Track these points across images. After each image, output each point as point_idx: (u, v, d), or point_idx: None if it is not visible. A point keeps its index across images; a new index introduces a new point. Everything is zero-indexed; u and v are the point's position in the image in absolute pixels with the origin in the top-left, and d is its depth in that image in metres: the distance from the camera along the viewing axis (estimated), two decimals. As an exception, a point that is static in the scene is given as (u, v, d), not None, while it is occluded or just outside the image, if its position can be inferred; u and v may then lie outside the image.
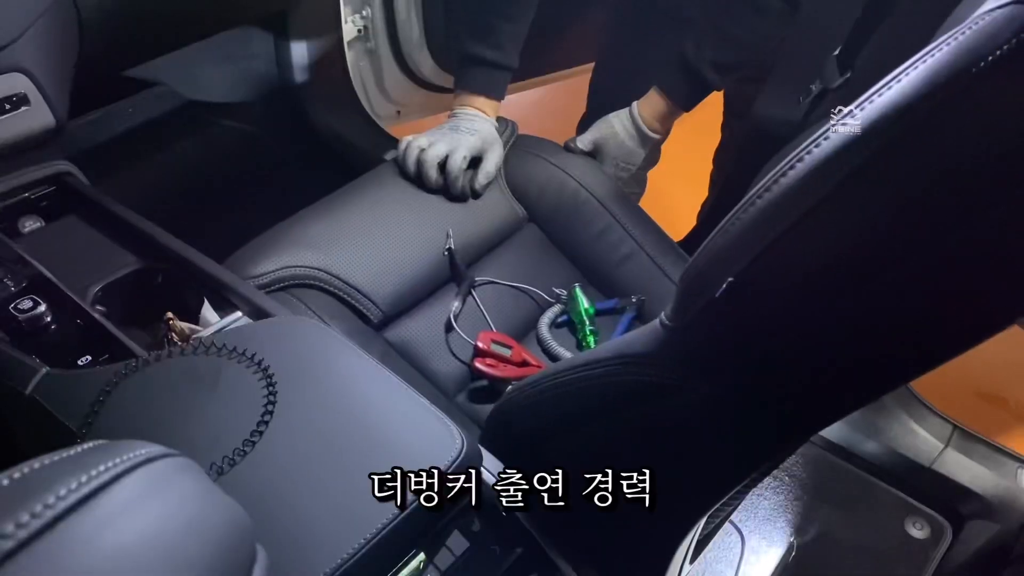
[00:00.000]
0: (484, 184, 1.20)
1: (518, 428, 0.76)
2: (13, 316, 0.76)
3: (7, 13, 0.85)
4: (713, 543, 1.33)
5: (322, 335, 0.75)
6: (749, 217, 0.48)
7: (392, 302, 1.06)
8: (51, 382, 0.69)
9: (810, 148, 0.45)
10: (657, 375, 0.58)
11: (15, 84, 0.87)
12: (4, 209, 0.93)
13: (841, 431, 1.47)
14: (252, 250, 1.03)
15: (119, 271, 0.87)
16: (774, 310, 0.49)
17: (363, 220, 1.11)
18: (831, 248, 0.46)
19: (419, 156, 1.17)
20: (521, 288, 1.15)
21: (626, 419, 0.63)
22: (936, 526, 1.35)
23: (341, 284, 1.04)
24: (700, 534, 0.81)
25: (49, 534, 0.27)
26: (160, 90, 1.56)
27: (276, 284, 1.00)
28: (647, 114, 1.28)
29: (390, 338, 1.05)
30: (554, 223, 1.23)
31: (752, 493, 1.39)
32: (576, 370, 0.66)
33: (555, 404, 0.70)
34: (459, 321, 1.06)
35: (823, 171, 0.44)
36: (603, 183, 1.24)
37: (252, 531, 0.38)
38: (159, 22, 1.17)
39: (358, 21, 1.54)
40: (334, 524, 0.59)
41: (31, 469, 0.30)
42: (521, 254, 1.20)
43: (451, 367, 1.05)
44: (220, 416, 0.65)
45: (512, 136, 1.30)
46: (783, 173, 0.46)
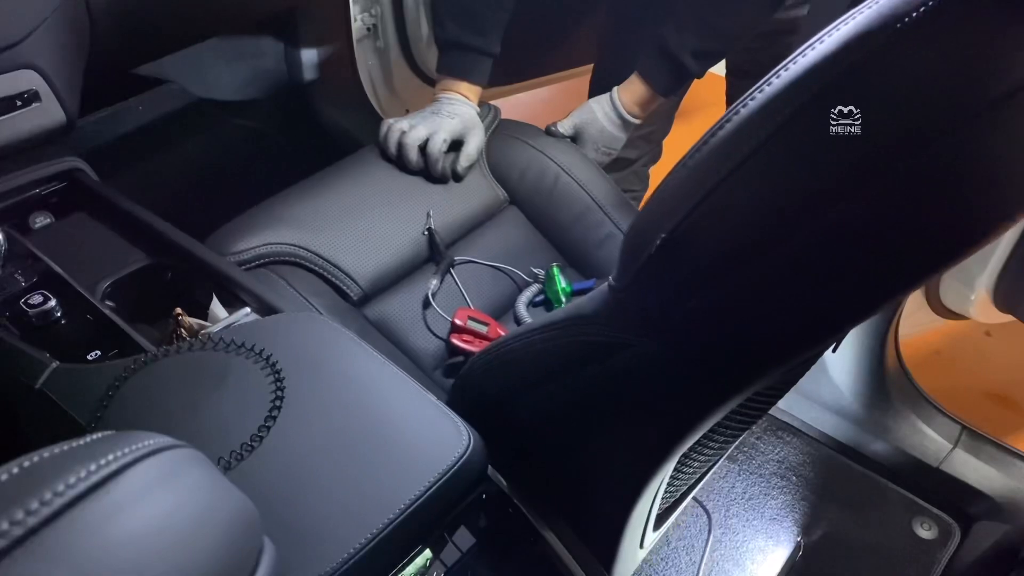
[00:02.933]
0: (465, 167, 1.22)
1: (481, 392, 0.78)
2: (24, 311, 0.76)
3: (19, 10, 0.85)
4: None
5: (330, 331, 0.75)
6: (681, 177, 0.51)
7: (372, 280, 1.08)
8: (61, 376, 0.70)
9: (738, 109, 0.46)
10: (605, 335, 0.60)
11: (26, 81, 0.88)
12: (15, 205, 0.93)
13: (849, 431, 1.46)
14: (233, 228, 1.05)
15: (129, 267, 0.87)
16: (704, 266, 0.51)
17: (344, 200, 1.13)
18: (756, 204, 0.47)
19: (400, 139, 1.19)
20: (500, 268, 1.17)
21: (580, 378, 0.65)
22: (944, 527, 1.35)
23: (321, 261, 1.05)
24: (661, 505, 0.83)
25: (58, 522, 0.28)
26: (170, 88, 1.57)
27: (256, 260, 1.02)
28: (627, 99, 1.30)
29: (369, 315, 1.07)
30: (535, 205, 1.26)
31: (758, 493, 1.38)
32: (532, 333, 0.68)
33: (514, 367, 0.72)
34: (438, 299, 1.08)
35: (747, 131, 0.46)
36: (583, 167, 1.26)
37: (259, 522, 0.38)
38: (169, 20, 1.18)
39: (367, 19, 1.54)
40: (340, 519, 0.59)
41: (41, 458, 0.30)
42: (501, 235, 1.22)
43: (429, 343, 1.06)
44: (228, 411, 0.66)
45: (495, 121, 1.33)
46: (712, 134, 0.48)
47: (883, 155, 0.42)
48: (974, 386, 1.60)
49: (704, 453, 0.80)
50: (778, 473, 1.43)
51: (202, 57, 1.56)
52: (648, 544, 0.88)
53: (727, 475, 1.43)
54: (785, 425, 1.52)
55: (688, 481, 0.88)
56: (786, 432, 1.51)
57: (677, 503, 0.91)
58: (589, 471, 0.73)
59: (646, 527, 0.82)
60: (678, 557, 1.29)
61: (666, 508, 0.89)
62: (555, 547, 0.71)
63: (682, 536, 1.32)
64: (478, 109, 1.28)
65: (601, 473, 0.73)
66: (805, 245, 0.46)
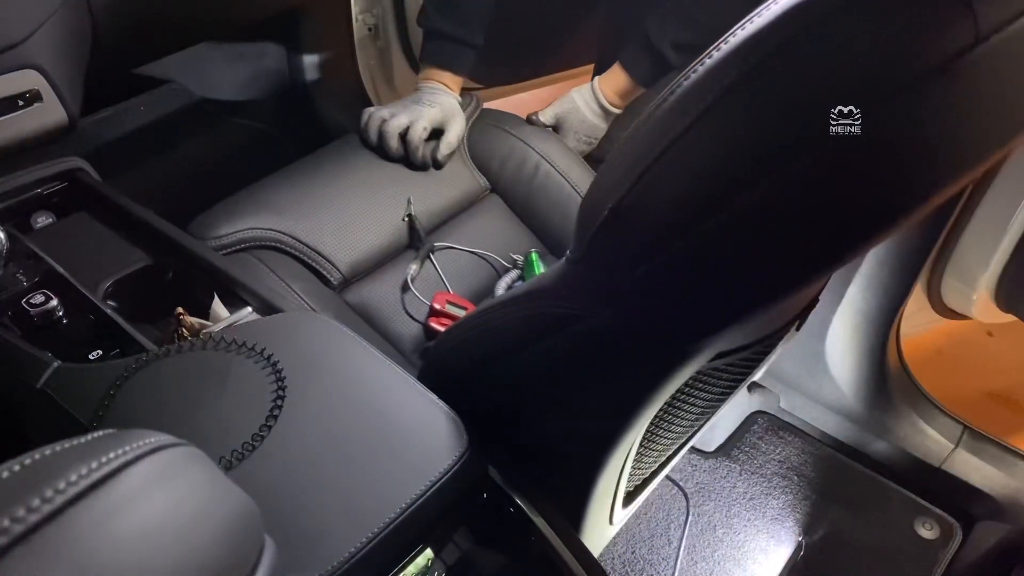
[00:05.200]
0: (446, 154, 1.23)
1: (448, 367, 0.79)
2: (25, 310, 0.77)
3: (20, 10, 0.85)
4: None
5: (331, 330, 0.75)
6: (626, 149, 0.52)
7: (352, 265, 1.09)
8: (62, 376, 0.70)
9: (680, 82, 0.48)
10: (562, 307, 0.62)
11: (28, 81, 0.88)
12: (17, 205, 0.93)
13: (851, 431, 1.47)
14: (214, 213, 1.06)
15: (130, 266, 0.87)
16: (648, 235, 0.52)
17: (325, 187, 1.14)
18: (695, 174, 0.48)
19: (381, 126, 1.21)
20: (479, 254, 1.18)
21: (541, 350, 0.66)
22: (946, 526, 1.35)
23: (301, 246, 1.06)
24: (631, 482, 0.84)
25: (59, 519, 0.28)
26: (172, 88, 1.57)
27: (237, 245, 1.03)
28: (608, 89, 1.31)
29: (349, 299, 1.08)
30: (515, 193, 1.27)
31: (760, 493, 1.38)
32: (495, 309, 0.69)
33: (478, 342, 0.73)
34: (417, 284, 1.09)
35: (687, 102, 0.47)
36: (564, 155, 1.27)
37: (260, 520, 0.38)
38: (171, 20, 1.18)
39: (369, 19, 1.54)
40: (342, 518, 0.59)
41: (42, 456, 0.30)
42: (482, 222, 1.23)
43: (408, 327, 1.07)
44: (229, 411, 0.66)
45: (476, 110, 1.34)
46: (657, 106, 0.49)
47: (816, 126, 0.43)
48: (976, 386, 1.60)
49: (671, 429, 0.81)
50: (779, 473, 1.43)
51: (204, 57, 1.56)
52: (618, 521, 0.89)
53: (728, 475, 1.43)
54: (787, 425, 1.52)
55: (658, 460, 0.90)
56: (788, 432, 1.51)
57: (647, 482, 0.93)
58: (553, 441, 0.75)
59: (614, 503, 0.83)
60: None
61: (636, 486, 0.91)
62: (556, 547, 0.71)
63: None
64: (460, 99, 1.30)
65: (564, 443, 0.75)
66: (742, 213, 0.47)
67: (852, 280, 1.25)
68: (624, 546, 1.31)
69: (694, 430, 0.90)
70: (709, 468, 1.44)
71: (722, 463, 1.45)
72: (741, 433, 1.51)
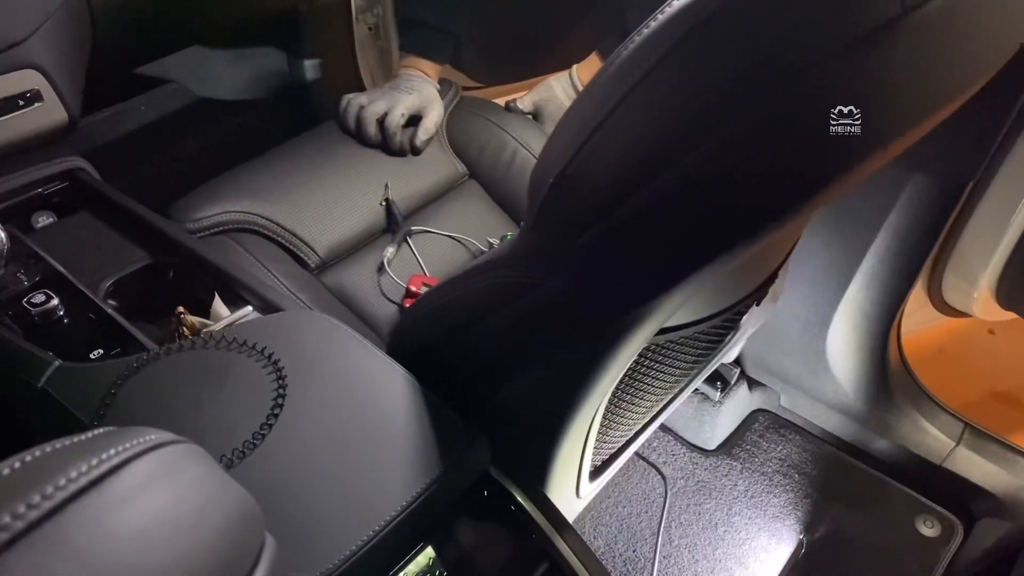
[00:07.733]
0: (424, 140, 1.24)
1: (416, 339, 0.80)
2: (26, 310, 0.77)
3: (21, 10, 0.85)
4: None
5: (331, 329, 0.75)
6: (570, 118, 0.54)
7: (329, 248, 1.10)
8: (63, 375, 0.70)
9: (620, 52, 0.49)
10: (518, 275, 0.63)
11: (29, 81, 0.88)
12: (17, 204, 0.94)
13: (852, 429, 1.46)
14: (194, 197, 1.08)
15: (131, 266, 0.88)
16: (590, 202, 0.53)
17: (303, 171, 1.15)
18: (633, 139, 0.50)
19: (358, 113, 1.22)
20: (456, 238, 1.18)
21: (500, 319, 0.68)
22: (947, 524, 1.35)
23: (279, 230, 1.08)
24: (598, 456, 0.87)
25: (60, 515, 0.28)
26: (172, 87, 1.57)
27: (216, 228, 1.04)
28: (587, 77, 1.33)
29: (327, 282, 1.09)
30: (493, 179, 1.28)
31: (761, 491, 1.38)
32: (458, 280, 0.71)
33: (441, 314, 0.75)
34: (393, 267, 1.10)
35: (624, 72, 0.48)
36: (542, 142, 1.28)
37: (261, 518, 0.38)
38: (171, 20, 1.18)
39: (369, 19, 1.54)
40: (343, 516, 0.60)
41: (42, 453, 0.30)
42: (460, 208, 1.24)
43: (384, 309, 1.08)
44: (230, 409, 0.66)
45: (455, 97, 1.35)
46: (599, 77, 0.50)
47: (749, 91, 0.44)
48: (977, 384, 1.60)
49: (634, 404, 0.83)
50: (780, 471, 1.43)
51: (204, 57, 1.56)
52: (585, 495, 0.90)
53: (729, 473, 1.43)
54: (787, 423, 1.52)
55: (625, 435, 0.91)
56: (788, 430, 1.51)
57: (615, 457, 0.94)
58: (514, 410, 0.77)
59: (580, 475, 0.84)
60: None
61: (604, 461, 0.92)
62: (558, 548, 0.71)
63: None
64: (438, 86, 1.31)
65: (525, 412, 0.76)
66: (675, 179, 0.48)
67: (853, 278, 1.25)
68: (624, 545, 1.31)
69: (659, 408, 0.92)
70: (710, 466, 1.44)
71: (723, 461, 1.45)
72: (742, 431, 1.51)
